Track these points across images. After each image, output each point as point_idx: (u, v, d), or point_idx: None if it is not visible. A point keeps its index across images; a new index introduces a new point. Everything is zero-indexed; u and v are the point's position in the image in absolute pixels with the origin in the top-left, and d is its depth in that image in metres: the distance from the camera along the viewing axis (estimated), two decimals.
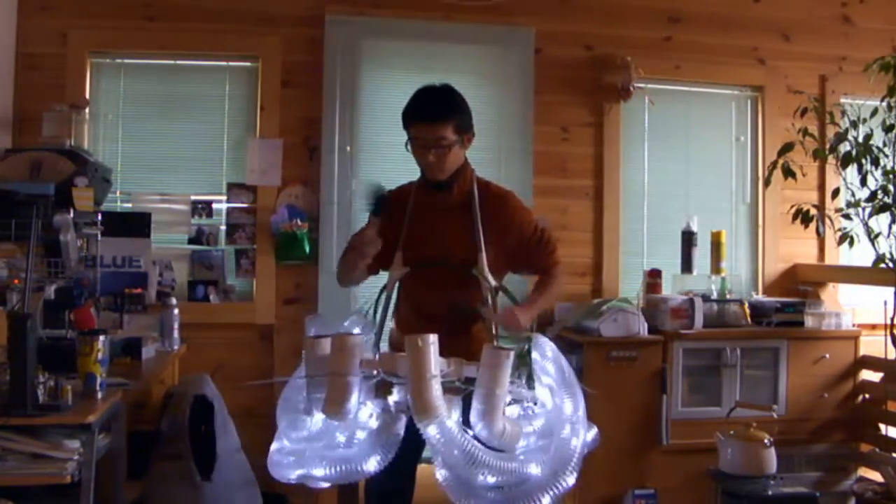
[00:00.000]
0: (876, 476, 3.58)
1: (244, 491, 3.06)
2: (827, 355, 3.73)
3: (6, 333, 2.15)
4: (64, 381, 2.20)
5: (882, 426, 3.72)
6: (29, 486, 2.12)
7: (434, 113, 2.25)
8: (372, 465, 1.89)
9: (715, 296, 3.79)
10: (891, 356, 3.60)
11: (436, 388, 1.78)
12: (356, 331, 2.17)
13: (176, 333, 3.31)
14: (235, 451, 3.11)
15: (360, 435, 1.91)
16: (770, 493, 3.22)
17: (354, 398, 1.88)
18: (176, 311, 3.31)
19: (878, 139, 3.43)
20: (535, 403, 2.01)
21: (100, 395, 2.31)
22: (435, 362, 1.78)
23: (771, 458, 3.28)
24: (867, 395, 3.77)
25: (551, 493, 1.80)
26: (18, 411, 2.09)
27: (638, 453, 3.50)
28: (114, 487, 2.51)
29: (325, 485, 1.98)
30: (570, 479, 1.83)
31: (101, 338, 2.36)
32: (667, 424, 3.49)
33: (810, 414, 3.70)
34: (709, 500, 3.45)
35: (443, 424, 1.76)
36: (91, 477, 2.15)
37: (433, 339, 1.79)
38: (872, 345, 3.78)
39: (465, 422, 1.84)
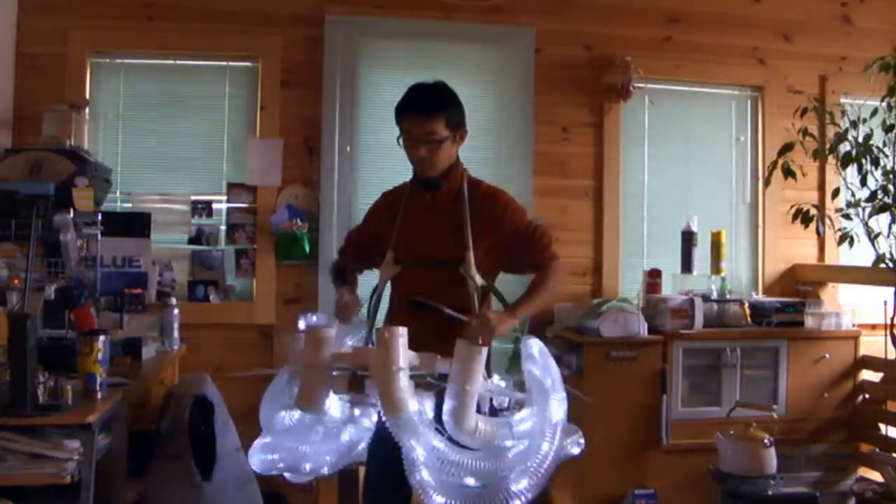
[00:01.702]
0: (876, 476, 3.58)
1: (244, 491, 3.06)
2: (827, 355, 3.72)
3: (6, 333, 2.15)
4: (64, 381, 2.20)
5: (882, 426, 3.71)
6: (29, 486, 2.11)
7: (426, 107, 2.25)
8: (344, 458, 1.89)
9: (715, 296, 3.79)
10: (891, 356, 3.60)
11: (403, 381, 1.76)
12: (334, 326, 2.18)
13: (176, 333, 3.31)
14: (235, 451, 3.11)
15: (333, 429, 1.92)
16: (770, 493, 3.22)
17: (326, 391, 1.88)
18: (176, 311, 3.31)
19: (878, 139, 3.43)
20: (521, 405, 2.00)
21: (100, 395, 2.31)
22: (403, 355, 1.78)
23: (771, 458, 3.28)
24: (867, 395, 3.77)
25: (522, 494, 1.79)
26: (18, 411, 2.09)
27: (638, 453, 3.50)
28: (114, 487, 2.51)
29: (304, 479, 2.00)
30: (543, 482, 1.82)
31: (101, 338, 2.36)
32: (667, 424, 3.49)
33: (810, 414, 3.70)
34: (709, 500, 3.44)
35: (408, 419, 1.75)
36: (91, 477, 2.15)
37: (402, 331, 1.79)
38: (872, 345, 3.78)
39: (439, 418, 1.83)
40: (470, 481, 1.78)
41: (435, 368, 1.89)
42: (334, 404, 1.92)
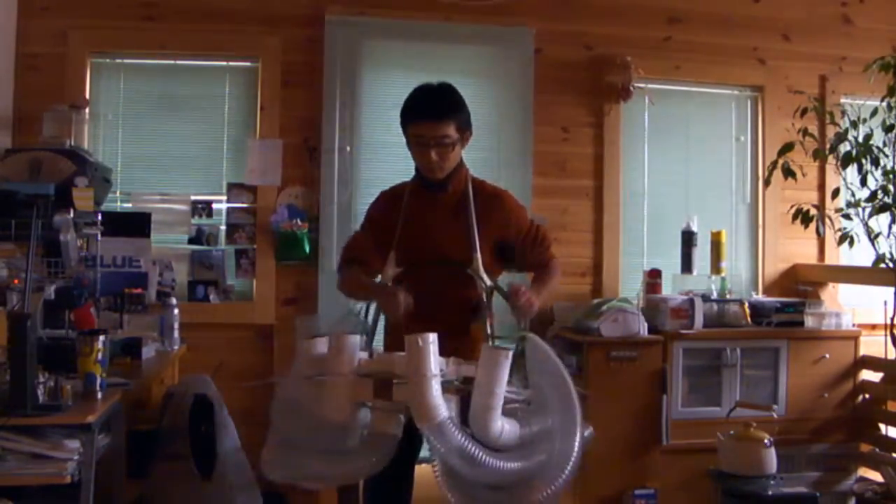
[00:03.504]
0: (876, 476, 3.58)
1: (244, 491, 3.06)
2: (827, 355, 3.73)
3: (6, 333, 2.15)
4: (64, 381, 2.20)
5: (882, 426, 3.72)
6: (29, 486, 2.11)
7: (438, 111, 2.25)
8: (368, 466, 1.88)
9: (715, 296, 3.79)
10: (891, 356, 3.60)
11: (435, 388, 1.77)
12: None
13: (176, 333, 3.30)
14: (235, 451, 3.11)
15: (357, 435, 1.91)
16: (770, 493, 3.23)
17: (352, 398, 1.87)
18: (176, 311, 3.31)
19: (878, 139, 3.43)
20: (530, 404, 2.00)
21: (100, 395, 2.31)
22: (435, 362, 1.78)
23: (771, 458, 3.28)
24: (867, 395, 3.77)
25: (548, 492, 1.80)
26: (18, 411, 2.09)
27: (638, 453, 3.50)
28: (114, 487, 2.51)
29: (320, 486, 1.97)
30: (567, 479, 1.83)
31: (101, 338, 2.36)
32: (667, 424, 3.49)
33: (810, 414, 3.70)
34: (709, 500, 3.45)
35: (442, 424, 1.76)
36: (91, 477, 2.14)
37: (433, 338, 1.79)
38: (872, 345, 3.78)
39: (464, 421, 1.84)
40: (497, 481, 1.79)
41: (461, 372, 1.90)
42: (356, 411, 1.90)
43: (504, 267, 2.43)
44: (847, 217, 3.56)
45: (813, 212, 3.58)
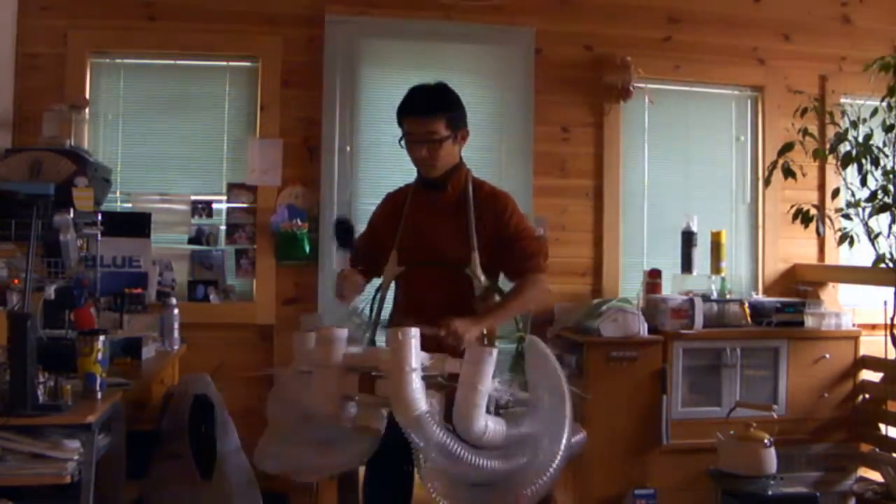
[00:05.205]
0: (876, 476, 3.58)
1: (244, 491, 3.06)
2: (827, 355, 3.73)
3: (6, 333, 2.15)
4: (64, 381, 2.20)
5: (882, 426, 3.72)
6: (29, 486, 2.11)
7: (426, 107, 2.26)
8: (355, 459, 1.89)
9: (715, 296, 3.79)
10: (891, 356, 3.60)
11: (416, 382, 1.77)
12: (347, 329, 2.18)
13: (176, 333, 3.30)
14: (235, 451, 3.11)
15: (344, 429, 1.92)
16: (770, 493, 3.23)
17: (337, 391, 1.88)
18: (176, 311, 3.31)
19: (878, 139, 3.43)
20: (527, 405, 2.01)
21: (100, 395, 2.31)
22: (416, 356, 1.78)
23: (771, 458, 3.28)
24: (867, 395, 3.77)
25: (531, 491, 1.80)
26: (18, 411, 2.09)
27: (638, 453, 3.50)
28: (114, 487, 2.51)
29: (310, 478, 2.00)
30: (551, 480, 1.82)
31: (101, 338, 2.35)
32: (667, 424, 3.49)
33: (810, 414, 3.70)
34: (709, 500, 3.45)
35: (422, 419, 1.76)
36: (91, 477, 2.14)
37: (414, 332, 1.79)
38: (872, 345, 3.78)
39: (448, 418, 1.84)
40: (480, 480, 1.79)
41: (445, 369, 1.90)
42: (343, 404, 1.92)
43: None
44: (847, 217, 3.56)
45: (813, 212, 3.59)
